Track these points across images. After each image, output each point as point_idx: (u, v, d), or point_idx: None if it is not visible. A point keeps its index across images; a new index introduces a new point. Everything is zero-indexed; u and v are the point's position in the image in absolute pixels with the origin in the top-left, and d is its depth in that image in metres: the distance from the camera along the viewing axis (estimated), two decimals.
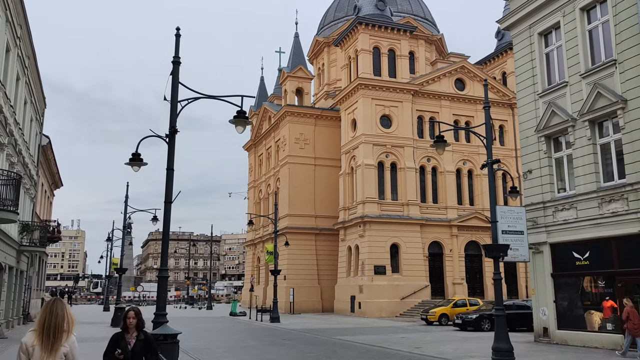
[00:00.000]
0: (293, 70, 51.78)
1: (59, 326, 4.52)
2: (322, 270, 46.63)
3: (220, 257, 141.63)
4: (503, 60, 48.49)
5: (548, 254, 18.82)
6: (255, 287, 54.14)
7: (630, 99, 15.93)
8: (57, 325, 4.51)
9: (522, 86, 20.51)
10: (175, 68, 12.35)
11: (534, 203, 19.29)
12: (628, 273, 16.36)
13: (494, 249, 15.26)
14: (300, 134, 48.31)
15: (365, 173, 40.43)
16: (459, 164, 43.56)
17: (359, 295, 39.33)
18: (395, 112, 42.21)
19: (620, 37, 16.47)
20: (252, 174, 61.04)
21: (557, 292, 18.72)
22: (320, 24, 61.84)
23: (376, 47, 42.89)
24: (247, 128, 12.08)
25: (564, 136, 18.61)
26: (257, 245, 57.01)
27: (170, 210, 11.62)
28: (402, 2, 56.10)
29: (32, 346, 4.50)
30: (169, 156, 11.75)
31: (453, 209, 42.54)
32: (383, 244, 39.51)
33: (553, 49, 19.49)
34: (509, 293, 41.09)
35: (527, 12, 20.14)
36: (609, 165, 17.09)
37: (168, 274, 11.82)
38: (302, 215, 47.12)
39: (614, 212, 16.33)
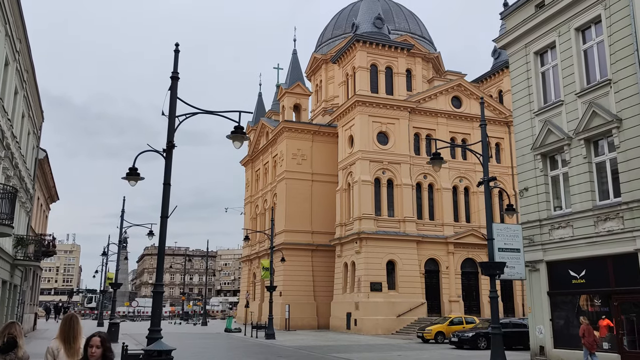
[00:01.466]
0: (291, 86, 52.06)
1: (76, 334, 5.91)
2: (318, 286, 46.42)
3: (216, 273, 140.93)
4: (499, 78, 48.86)
5: (544, 272, 18.80)
6: (250, 303, 53.79)
7: (625, 118, 16.06)
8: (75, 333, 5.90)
9: (518, 104, 20.65)
10: (174, 83, 12.44)
11: (530, 221, 19.32)
12: (624, 292, 16.34)
13: (490, 267, 15.28)
14: (298, 149, 48.42)
15: (362, 189, 40.47)
16: (455, 181, 43.65)
17: (354, 312, 39.12)
18: (392, 129, 42.39)
19: (614, 57, 16.64)
20: (249, 189, 61.01)
21: (554, 310, 18.67)
22: (318, 41, 62.32)
23: (374, 64, 43.20)
24: (244, 143, 12.15)
25: (559, 154, 18.70)
26: (253, 261, 56.80)
27: (167, 225, 11.61)
28: (399, 21, 56.64)
29: (57, 349, 5.83)
30: (165, 171, 11.78)
31: (449, 226, 42.53)
32: (379, 261, 39.41)
33: (549, 68, 19.67)
34: (506, 311, 40.94)
35: (523, 31, 20.35)
36: (604, 183, 17.16)
37: (163, 289, 11.77)
38: (299, 231, 47.03)
39: (609, 231, 16.36)
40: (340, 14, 60.97)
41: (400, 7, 59.20)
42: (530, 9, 20.27)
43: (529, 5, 20.39)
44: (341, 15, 60.53)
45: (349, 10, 59.22)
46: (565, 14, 18.56)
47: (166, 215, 11.60)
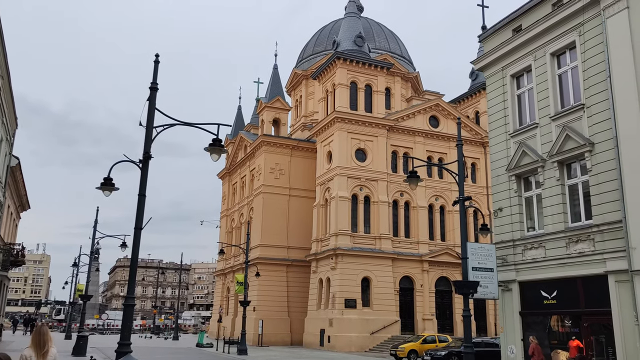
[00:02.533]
0: (271, 100, 52.15)
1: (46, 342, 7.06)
2: (293, 302, 46.14)
3: (189, 286, 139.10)
4: (476, 99, 49.67)
5: (517, 292, 18.97)
6: (223, 318, 53.20)
7: (597, 142, 16.42)
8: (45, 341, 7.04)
9: (494, 126, 20.97)
10: (152, 94, 12.38)
11: (504, 241, 19.53)
12: (593, 313, 16.57)
13: (464, 286, 15.39)
14: (276, 164, 48.37)
15: (339, 205, 40.53)
16: (431, 200, 44.01)
17: (328, 329, 38.92)
18: (370, 146, 42.67)
19: (588, 83, 17.05)
20: (226, 203, 60.62)
21: (525, 330, 18.81)
22: (299, 56, 62.67)
23: (353, 81, 43.58)
24: (222, 156, 12.12)
25: (533, 176, 19.00)
26: (228, 275, 56.25)
27: (140, 236, 11.48)
28: (380, 40, 57.34)
29: (30, 356, 7.00)
30: (141, 182, 11.68)
31: (425, 244, 42.79)
32: (354, 277, 39.39)
33: (524, 91, 20.05)
34: (478, 330, 41.17)
35: (500, 54, 20.74)
36: (576, 206, 17.46)
37: (135, 302, 11.59)
38: (275, 245, 46.79)
39: (580, 252, 16.62)
40: (321, 31, 61.49)
41: (381, 27, 59.98)
42: (508, 33, 20.69)
43: (506, 29, 20.82)
44: (323, 32, 61.06)
45: (331, 28, 59.78)
46: (541, 39, 18.99)
47: (140, 227, 11.47)
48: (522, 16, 20.05)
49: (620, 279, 15.33)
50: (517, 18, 20.28)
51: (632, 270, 14.78)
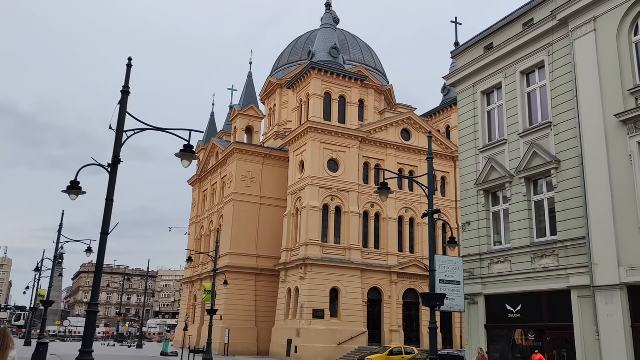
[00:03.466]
0: (244, 108, 52.00)
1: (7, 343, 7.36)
2: (261, 311, 45.81)
3: (156, 294, 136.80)
4: (448, 114, 50.39)
5: (483, 305, 19.22)
6: (189, 327, 52.47)
7: (564, 160, 16.83)
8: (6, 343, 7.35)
9: (464, 140, 21.30)
10: (124, 97, 12.25)
11: (471, 254, 19.78)
12: (556, 327, 16.89)
13: (431, 298, 15.50)
14: (248, 172, 48.15)
15: (310, 215, 40.51)
16: (401, 212, 44.35)
17: (295, 339, 38.72)
18: (342, 157, 42.85)
19: (556, 102, 17.50)
20: (195, 210, 60.01)
21: (490, 343, 19.05)
22: (274, 65, 62.71)
23: (327, 92, 43.79)
24: (193, 163, 12.04)
25: (501, 191, 19.34)
26: (195, 283, 55.57)
27: (106, 242, 11.29)
28: (355, 52, 57.81)
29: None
30: (109, 186, 11.52)
31: (394, 255, 43.03)
32: (323, 288, 39.33)
33: (494, 108, 20.45)
34: (444, 342, 41.48)
35: (472, 71, 21.14)
36: (542, 221, 17.82)
37: (98, 309, 11.37)
38: (244, 254, 46.46)
39: (545, 267, 16.95)
40: (297, 41, 61.69)
41: (356, 39, 60.50)
42: (480, 50, 21.12)
43: (478, 46, 21.25)
44: (298, 42, 61.27)
45: (306, 38, 60.03)
46: (511, 57, 19.43)
47: (106, 232, 11.29)
48: (493, 34, 20.51)
49: (582, 294, 15.68)
50: (489, 36, 20.73)
51: (594, 286, 15.13)
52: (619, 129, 15.09)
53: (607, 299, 14.78)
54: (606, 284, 14.83)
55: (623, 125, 14.96)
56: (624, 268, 14.46)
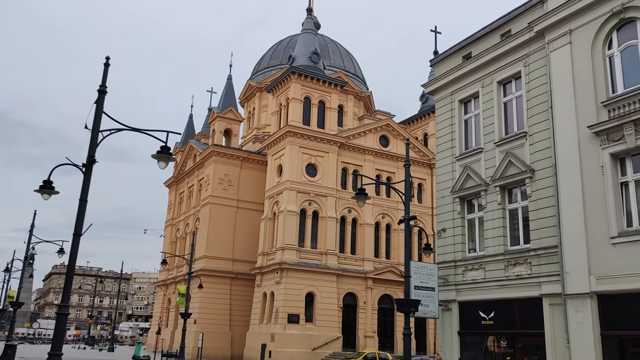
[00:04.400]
0: (223, 111, 51.78)
1: None
2: (235, 315, 45.51)
3: (129, 296, 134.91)
4: (425, 122, 50.86)
5: (456, 311, 19.37)
6: (163, 330, 51.87)
7: (538, 170, 17.09)
8: None
9: (441, 148, 21.50)
10: (101, 97, 12.10)
11: (446, 261, 19.94)
12: (528, 334, 17.10)
13: (405, 304, 15.59)
14: (225, 174, 47.90)
15: (287, 219, 40.44)
16: (378, 218, 44.55)
17: (270, 344, 38.53)
18: (321, 162, 42.91)
19: (531, 112, 17.78)
20: (171, 212, 59.45)
21: (463, 349, 19.20)
22: (254, 69, 62.61)
23: (307, 97, 43.85)
24: (170, 164, 11.95)
25: (477, 199, 19.54)
26: (170, 285, 54.98)
27: (79, 243, 11.12)
28: (335, 57, 58.06)
29: None
30: (83, 186, 11.36)
31: (370, 261, 43.18)
32: (299, 292, 39.26)
33: (471, 116, 20.68)
34: (418, 348, 41.73)
35: (450, 79, 21.36)
36: (516, 230, 18.06)
37: (69, 311, 11.19)
38: (220, 257, 46.15)
39: (518, 275, 17.17)
40: (278, 45, 61.72)
41: (336, 45, 60.76)
42: (458, 59, 21.36)
43: (456, 55, 21.49)
44: (279, 46, 61.29)
45: (287, 42, 60.10)
46: (489, 67, 19.69)
47: (79, 233, 11.12)
48: (472, 44, 20.77)
49: (554, 302, 15.92)
50: (467, 46, 20.99)
51: (565, 294, 15.38)
52: (592, 140, 15.38)
53: (577, 307, 15.03)
54: (577, 293, 15.07)
55: (596, 137, 15.26)
56: (594, 277, 14.73)
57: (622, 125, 14.54)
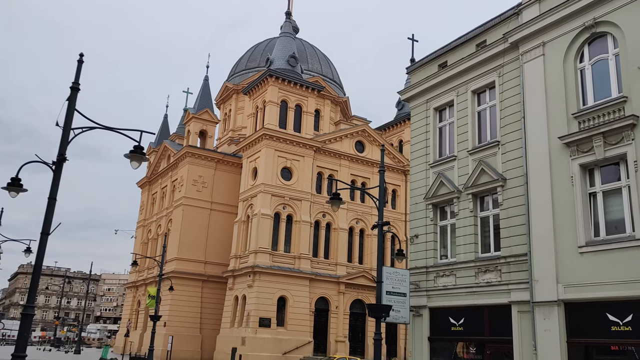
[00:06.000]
0: (199, 112, 51.39)
1: None
2: (206, 319, 45.07)
3: (97, 298, 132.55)
4: (401, 129, 51.26)
5: (427, 317, 19.51)
6: (131, 333, 51.07)
7: (509, 178, 17.37)
8: None
9: (415, 155, 21.69)
10: (73, 94, 11.90)
11: (418, 267, 20.09)
12: (496, 341, 17.32)
13: (377, 309, 15.66)
14: (199, 176, 47.50)
15: (261, 223, 40.27)
16: (352, 223, 44.68)
17: (240, 348, 38.25)
18: (296, 166, 42.88)
19: (504, 121, 18.07)
20: (143, 212, 58.67)
21: (433, 355, 19.35)
22: (231, 70, 62.33)
23: (284, 100, 43.81)
24: (143, 164, 11.82)
25: (449, 206, 19.76)
26: (140, 287, 54.21)
27: (47, 242, 10.89)
28: (313, 62, 58.15)
29: None
30: (53, 185, 11.15)
31: (343, 265, 43.25)
32: (271, 296, 39.10)
33: (446, 124, 20.92)
34: (389, 353, 41.88)
35: (426, 87, 21.58)
36: (487, 237, 18.30)
37: (34, 312, 10.94)
38: (192, 260, 45.70)
39: (488, 282, 17.39)
40: (255, 47, 61.57)
41: (314, 49, 60.88)
42: (434, 67, 21.60)
43: (432, 64, 21.73)
44: (257, 48, 61.16)
45: (265, 45, 60.00)
46: (464, 76, 19.96)
47: (47, 232, 10.89)
48: (448, 53, 21.02)
49: (522, 309, 16.16)
50: (443, 54, 21.24)
51: (534, 301, 15.62)
52: (562, 151, 15.69)
53: (545, 315, 15.28)
54: (545, 300, 15.33)
55: (566, 148, 15.57)
56: (562, 285, 15.00)
57: (591, 136, 14.87)
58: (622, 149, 14.28)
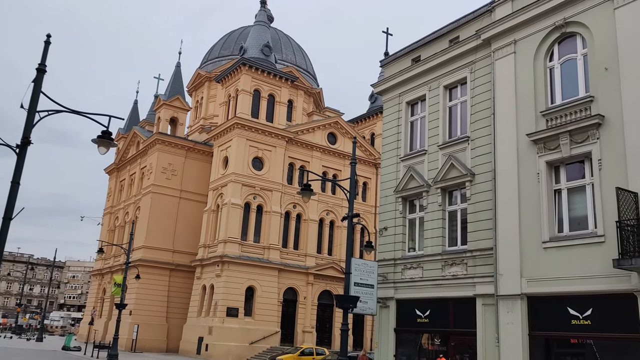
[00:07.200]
0: (170, 98, 50.66)
1: None
2: (173, 308, 44.70)
3: (61, 285, 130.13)
4: (373, 122, 51.45)
5: (394, 309, 19.74)
6: (96, 321, 50.35)
7: (478, 174, 17.63)
8: None
9: (387, 148, 21.83)
10: (39, 76, 11.60)
11: (386, 259, 20.27)
12: (461, 333, 17.64)
13: (344, 300, 15.75)
14: (169, 164, 46.90)
15: (231, 212, 40.04)
16: (322, 214, 44.78)
17: (207, 337, 38.10)
18: (268, 156, 42.69)
19: (474, 117, 18.30)
20: (111, 199, 57.72)
21: (398, 346, 19.60)
22: (204, 58, 61.56)
23: (257, 90, 43.49)
24: (112, 150, 11.61)
25: (418, 199, 19.97)
26: (105, 275, 53.41)
27: (9, 227, 10.64)
28: (287, 52, 57.82)
29: None
30: (16, 168, 10.88)
31: (312, 257, 43.35)
32: (239, 286, 38.98)
33: (417, 119, 21.10)
34: (355, 344, 42.24)
35: (399, 81, 21.70)
36: (454, 231, 18.57)
37: None
38: (159, 248, 45.18)
39: (454, 275, 17.67)
40: (229, 35, 60.91)
41: (289, 39, 60.54)
42: (407, 61, 21.73)
43: (406, 58, 21.85)
44: (231, 36, 60.50)
45: (239, 33, 59.40)
46: (436, 71, 20.13)
47: (9, 217, 10.63)
48: (421, 48, 21.17)
49: (486, 302, 16.47)
50: (417, 49, 21.37)
51: (498, 295, 15.95)
52: (530, 148, 15.99)
53: (508, 308, 15.61)
54: (508, 294, 15.66)
55: (533, 145, 15.87)
56: (525, 279, 15.33)
57: (558, 134, 15.18)
58: (587, 147, 14.63)
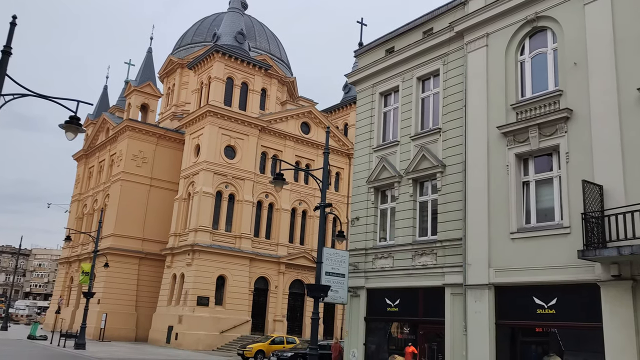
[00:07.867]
0: (141, 84, 49.81)
1: None
2: (142, 297, 44.25)
3: (27, 273, 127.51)
4: (347, 112, 51.52)
5: (364, 298, 19.92)
6: (63, 310, 49.58)
7: (449, 165, 17.83)
8: None
9: (360, 139, 21.90)
10: (4, 58, 11.23)
11: (357, 249, 20.41)
12: (429, 322, 17.90)
13: (315, 289, 15.79)
14: (139, 151, 46.20)
15: (202, 201, 39.72)
16: (295, 204, 44.77)
17: (177, 326, 37.86)
18: (240, 145, 42.40)
19: (446, 109, 18.47)
20: (79, 186, 56.65)
21: (368, 335, 19.81)
22: (176, 44, 60.64)
23: (230, 77, 43.07)
24: (80, 136, 11.35)
25: (390, 190, 20.12)
26: (73, 263, 52.52)
27: None
28: (261, 40, 57.35)
29: None
30: None
31: (284, 246, 43.36)
32: (210, 275, 38.78)
33: (390, 110, 21.20)
34: (326, 333, 42.53)
35: (372, 72, 21.74)
36: (425, 221, 18.78)
37: None
38: (129, 236, 44.59)
39: (424, 265, 17.89)
40: (202, 22, 60.11)
41: (263, 27, 60.03)
42: (381, 52, 21.76)
43: (380, 48, 21.89)
44: (204, 22, 59.71)
45: (212, 20, 58.66)
46: (410, 63, 20.22)
47: None
48: (395, 39, 21.22)
49: (455, 292, 16.74)
50: (391, 40, 21.42)
51: (466, 284, 16.21)
52: (500, 140, 16.22)
53: (476, 297, 15.89)
54: (476, 283, 15.93)
55: (503, 137, 16.10)
56: (493, 269, 15.61)
57: (527, 127, 15.43)
58: (555, 140, 14.91)
